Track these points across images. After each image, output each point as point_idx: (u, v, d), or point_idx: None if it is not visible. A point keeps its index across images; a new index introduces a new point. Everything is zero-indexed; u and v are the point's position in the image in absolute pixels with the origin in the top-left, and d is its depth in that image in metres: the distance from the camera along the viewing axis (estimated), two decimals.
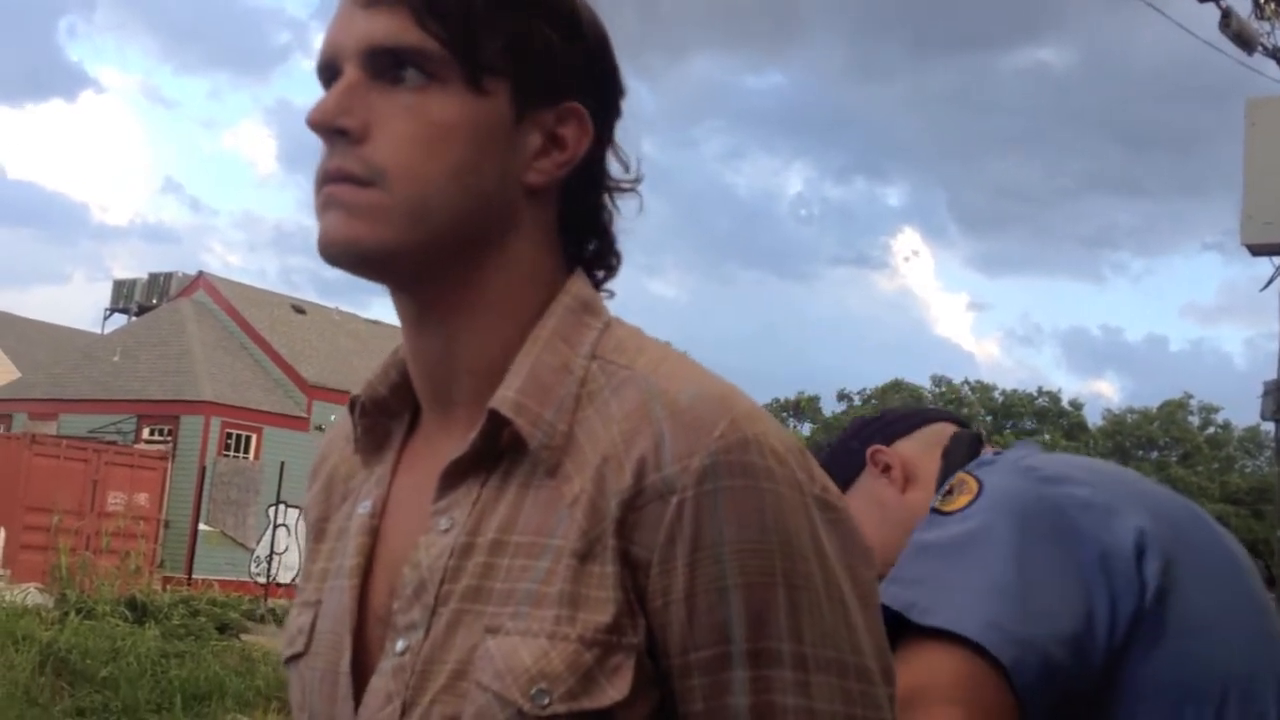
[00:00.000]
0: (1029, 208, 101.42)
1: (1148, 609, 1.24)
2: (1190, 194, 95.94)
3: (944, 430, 1.64)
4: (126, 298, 32.58)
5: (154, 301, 30.32)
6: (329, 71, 0.97)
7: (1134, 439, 51.66)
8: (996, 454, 1.46)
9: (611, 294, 1.05)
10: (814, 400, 58.54)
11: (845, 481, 1.63)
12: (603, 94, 1.00)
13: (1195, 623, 1.26)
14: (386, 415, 1.05)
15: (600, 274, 1.04)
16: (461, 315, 0.97)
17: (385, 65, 0.94)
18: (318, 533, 1.09)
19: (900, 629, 1.21)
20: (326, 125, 0.94)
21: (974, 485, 1.33)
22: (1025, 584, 1.22)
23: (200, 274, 28.31)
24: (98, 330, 33.07)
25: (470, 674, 0.88)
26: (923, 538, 1.31)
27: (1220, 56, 8.24)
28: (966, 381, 54.96)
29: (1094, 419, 53.65)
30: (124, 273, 60.74)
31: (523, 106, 0.96)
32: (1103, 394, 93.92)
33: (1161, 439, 51.53)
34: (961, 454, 1.54)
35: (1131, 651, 1.23)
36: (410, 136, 0.93)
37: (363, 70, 0.94)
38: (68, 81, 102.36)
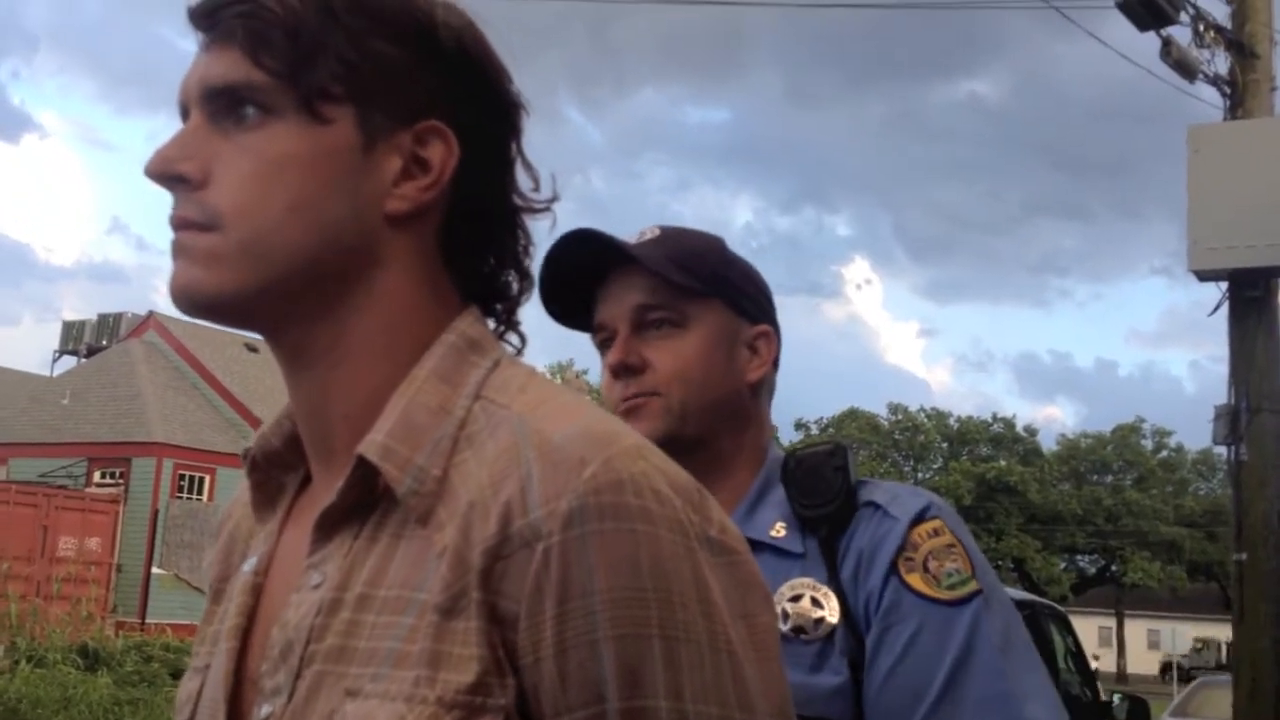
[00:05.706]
0: (974, 234, 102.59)
1: None
2: (1131, 218, 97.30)
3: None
4: (76, 339, 32.25)
5: (104, 343, 30.03)
6: (184, 118, 0.92)
7: (1089, 463, 51.97)
8: (862, 482, 1.42)
9: (519, 323, 0.99)
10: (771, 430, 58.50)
11: (715, 296, 1.50)
12: (479, 109, 0.94)
13: None
14: (280, 468, 1.00)
15: (503, 304, 0.98)
16: (332, 358, 0.91)
17: (225, 105, 0.89)
18: (215, 594, 1.02)
19: None
20: (163, 174, 0.90)
21: (951, 537, 1.37)
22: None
23: (150, 314, 28.00)
24: (47, 373, 32.66)
25: None
26: (1006, 633, 1.33)
27: (1153, 80, 8.37)
28: (923, 409, 55.21)
29: (1048, 444, 54.08)
30: (73, 314, 60.08)
31: (372, 131, 0.90)
32: (1054, 418, 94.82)
33: (1116, 463, 51.92)
34: (789, 476, 1.46)
35: None
36: (246, 175, 0.88)
37: (204, 114, 0.90)
38: (11, 125, 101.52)
